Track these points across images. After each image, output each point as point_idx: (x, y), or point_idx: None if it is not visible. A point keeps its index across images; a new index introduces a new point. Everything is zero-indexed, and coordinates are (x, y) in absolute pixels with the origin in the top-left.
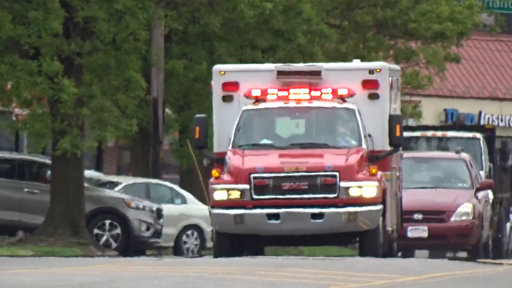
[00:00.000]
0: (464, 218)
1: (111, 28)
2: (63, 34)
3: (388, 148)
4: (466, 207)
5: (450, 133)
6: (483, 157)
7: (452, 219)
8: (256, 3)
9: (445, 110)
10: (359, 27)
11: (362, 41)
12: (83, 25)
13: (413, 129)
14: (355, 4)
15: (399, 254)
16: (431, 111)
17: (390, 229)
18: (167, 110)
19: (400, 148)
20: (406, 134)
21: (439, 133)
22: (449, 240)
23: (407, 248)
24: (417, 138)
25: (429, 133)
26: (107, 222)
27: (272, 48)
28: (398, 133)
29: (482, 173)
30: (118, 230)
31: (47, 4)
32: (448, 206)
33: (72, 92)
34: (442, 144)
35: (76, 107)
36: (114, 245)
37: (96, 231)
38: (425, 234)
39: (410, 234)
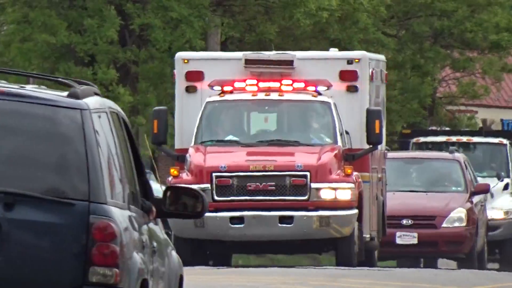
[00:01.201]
0: (456, 224)
1: (167, 36)
2: (119, 42)
3: (367, 146)
4: (459, 212)
5: (475, 139)
6: (509, 164)
7: (444, 225)
8: (312, 11)
9: (501, 120)
10: (416, 37)
11: (419, 51)
12: (138, 33)
13: (437, 133)
14: (412, 14)
15: (421, 262)
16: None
17: (367, 236)
18: None
19: (380, 147)
20: (430, 139)
21: (464, 139)
22: (440, 248)
23: (395, 255)
24: (441, 143)
25: (454, 139)
26: None
27: None
28: (377, 130)
29: (508, 180)
30: None
31: (103, 12)
32: (439, 211)
33: (127, 101)
34: (468, 149)
35: (131, 116)
36: None
37: None
38: (414, 241)
39: (398, 240)
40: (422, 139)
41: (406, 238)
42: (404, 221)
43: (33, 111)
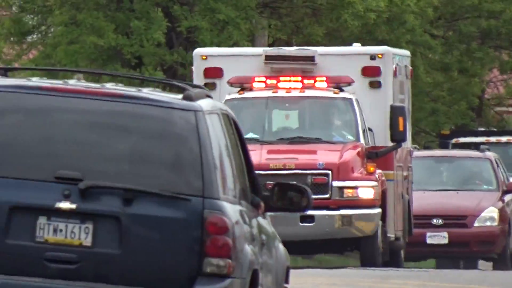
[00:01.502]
0: (488, 223)
1: (214, 38)
2: (166, 44)
3: (390, 144)
4: (491, 212)
5: None
6: None
7: (475, 224)
8: (360, 13)
9: None
10: (464, 38)
11: (466, 52)
12: (186, 35)
13: (476, 134)
14: (459, 15)
15: (461, 264)
16: None
17: (392, 235)
18: None
19: (405, 144)
20: (469, 139)
21: (504, 139)
22: (471, 248)
23: (426, 255)
24: (481, 144)
25: (494, 139)
26: None
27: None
28: (401, 127)
29: None
30: None
31: (150, 14)
32: (470, 210)
33: None
34: (507, 150)
35: None
36: None
37: None
38: (445, 241)
39: (429, 240)
40: (461, 140)
41: (436, 238)
42: (435, 221)
43: (150, 113)
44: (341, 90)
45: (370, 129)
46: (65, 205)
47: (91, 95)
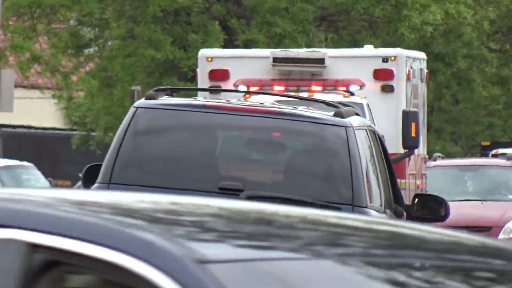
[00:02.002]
0: None
1: None
2: None
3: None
4: None
5: None
6: None
7: (500, 236)
8: (417, 26)
9: None
10: None
11: None
12: (243, 48)
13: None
14: None
15: None
16: None
17: None
18: None
19: (417, 151)
20: (508, 150)
21: None
22: None
23: None
24: None
25: None
26: None
27: (432, 71)
28: (413, 133)
29: None
30: None
31: (207, 27)
32: (495, 221)
33: None
34: None
35: None
36: None
37: None
38: None
39: None
40: (501, 151)
41: None
42: None
43: (304, 129)
44: (352, 94)
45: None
46: None
47: (251, 112)
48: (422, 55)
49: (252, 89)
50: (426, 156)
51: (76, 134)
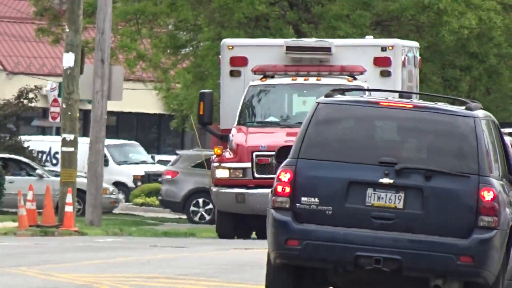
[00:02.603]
0: None
1: None
2: None
3: None
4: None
5: None
6: None
7: None
8: (455, 30)
9: None
10: None
11: None
12: None
13: None
14: None
15: None
16: None
17: None
18: None
19: None
20: None
21: None
22: None
23: None
24: None
25: None
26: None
27: (468, 67)
28: None
29: None
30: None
31: (282, 31)
32: None
33: None
34: None
35: None
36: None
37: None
38: None
39: None
40: None
41: None
42: None
43: (442, 119)
44: (355, 79)
45: None
46: (385, 180)
47: (403, 107)
48: (416, 44)
49: (268, 73)
50: None
51: (174, 119)
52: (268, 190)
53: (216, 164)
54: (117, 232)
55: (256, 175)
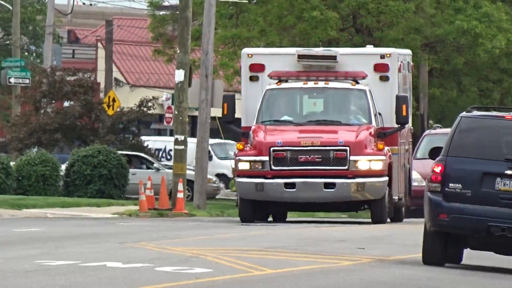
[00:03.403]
0: None
1: None
2: None
3: (396, 125)
4: None
5: None
6: None
7: None
8: (488, 49)
9: None
10: None
11: None
12: None
13: None
14: None
15: None
16: None
17: (396, 197)
18: (430, 121)
19: (406, 126)
20: None
21: None
22: None
23: None
24: None
25: None
26: None
27: (499, 80)
28: (404, 113)
29: None
30: None
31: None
32: None
33: None
34: None
35: None
36: None
37: None
38: None
39: None
40: None
41: None
42: None
43: None
44: (357, 83)
45: (380, 114)
46: (509, 172)
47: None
48: (409, 52)
49: (283, 78)
50: (412, 127)
51: None
52: (284, 180)
53: (238, 157)
54: (219, 214)
55: (273, 167)
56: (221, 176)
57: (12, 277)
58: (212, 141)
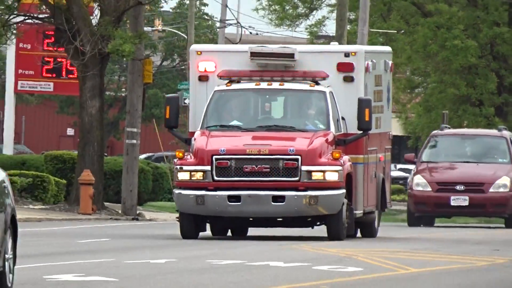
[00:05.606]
0: (501, 190)
1: None
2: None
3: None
4: (504, 180)
5: None
6: None
7: (491, 190)
8: None
9: None
10: None
11: None
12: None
13: None
14: None
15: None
16: None
17: (361, 211)
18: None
19: (376, 130)
20: None
21: None
22: (487, 209)
23: (450, 215)
24: None
25: None
26: None
27: None
28: (367, 117)
29: None
30: None
31: (487, 76)
32: (487, 179)
33: None
34: None
35: None
36: None
37: None
38: (466, 203)
39: (452, 202)
40: None
41: (459, 200)
42: (458, 187)
43: None
44: (317, 84)
45: (343, 118)
46: None
47: None
48: (387, 49)
49: (233, 78)
50: (390, 132)
51: (410, 139)
52: (227, 193)
53: (177, 166)
54: None
55: (216, 178)
56: None
57: (187, 274)
58: None
